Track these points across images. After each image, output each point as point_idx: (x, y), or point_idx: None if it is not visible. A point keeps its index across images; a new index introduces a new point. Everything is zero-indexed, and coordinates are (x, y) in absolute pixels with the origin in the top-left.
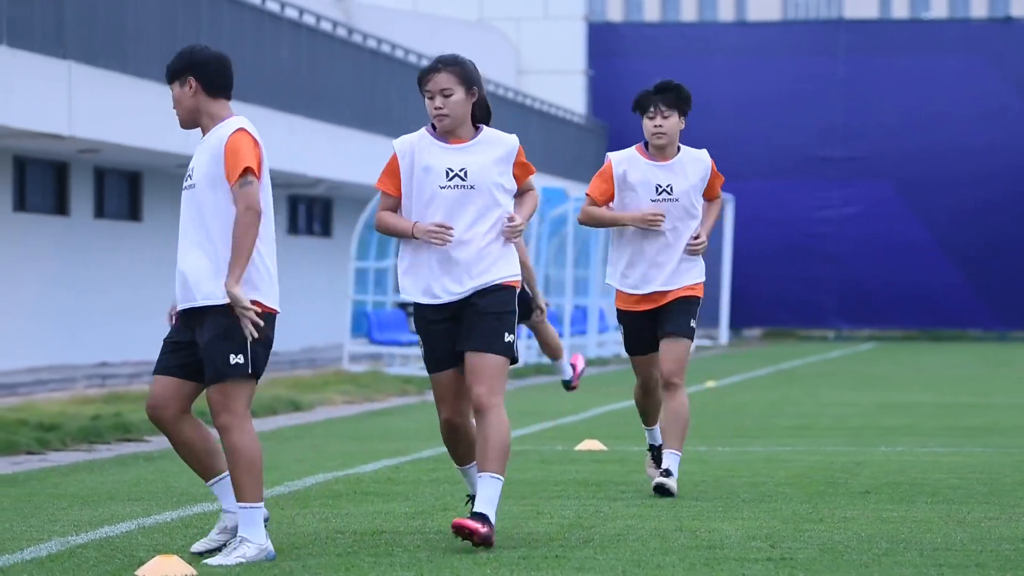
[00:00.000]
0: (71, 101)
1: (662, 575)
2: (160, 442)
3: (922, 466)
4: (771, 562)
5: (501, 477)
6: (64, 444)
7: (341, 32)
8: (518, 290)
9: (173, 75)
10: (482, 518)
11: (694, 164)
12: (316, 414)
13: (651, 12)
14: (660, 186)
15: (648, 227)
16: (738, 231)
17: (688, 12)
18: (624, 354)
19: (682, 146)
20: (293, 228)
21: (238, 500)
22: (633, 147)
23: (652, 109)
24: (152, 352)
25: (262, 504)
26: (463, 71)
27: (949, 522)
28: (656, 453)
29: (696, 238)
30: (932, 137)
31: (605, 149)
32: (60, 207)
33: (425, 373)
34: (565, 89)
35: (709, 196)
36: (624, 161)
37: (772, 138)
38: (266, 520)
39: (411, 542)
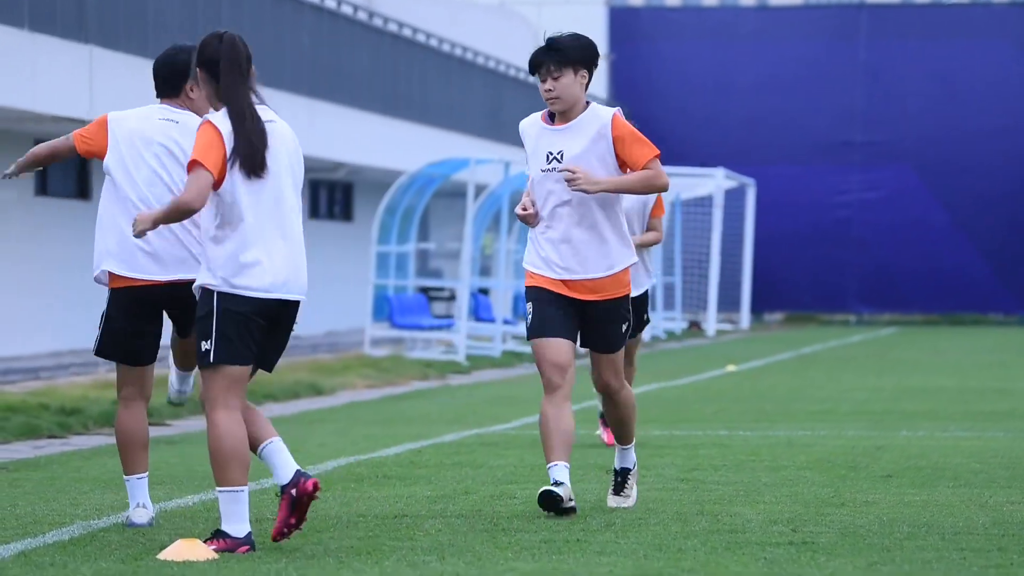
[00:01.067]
0: (92, 85)
1: (683, 559)
2: (182, 426)
3: (943, 450)
4: (792, 546)
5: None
6: (86, 428)
7: (362, 16)
8: None
9: (190, 71)
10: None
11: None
12: (338, 398)
13: None
14: (551, 153)
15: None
16: (759, 216)
17: None
18: (645, 337)
19: (592, 104)
20: (314, 212)
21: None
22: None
23: (543, 71)
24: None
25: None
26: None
27: (971, 506)
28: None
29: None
30: (954, 121)
31: None
32: (82, 191)
33: (447, 357)
34: None
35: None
36: (526, 128)
37: (793, 122)
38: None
39: (433, 526)
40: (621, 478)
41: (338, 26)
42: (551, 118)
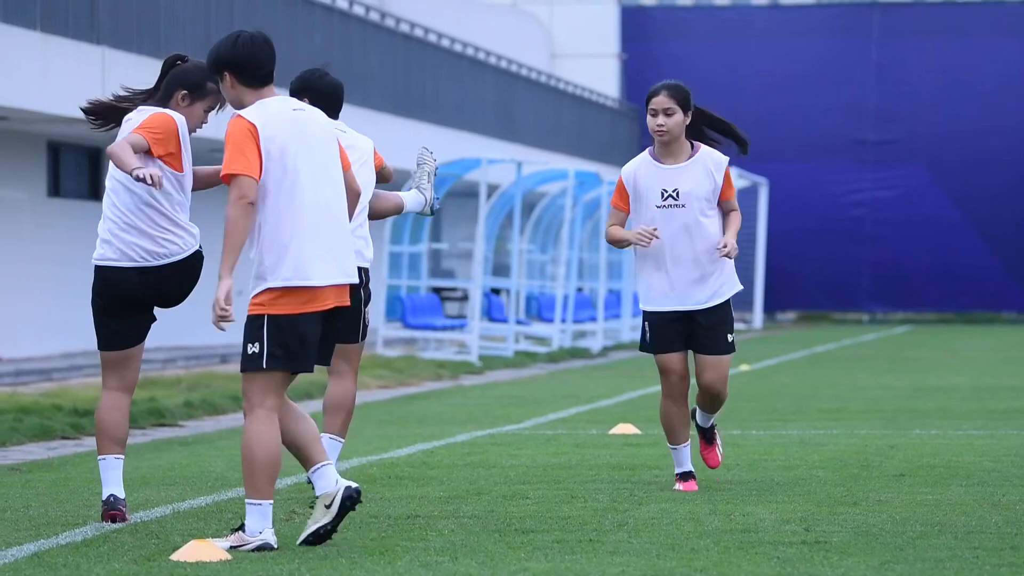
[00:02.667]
0: (105, 86)
1: (696, 559)
2: (195, 427)
3: (956, 449)
4: (805, 545)
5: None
6: None
7: (374, 16)
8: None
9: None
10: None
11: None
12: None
13: None
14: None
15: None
16: (772, 214)
17: None
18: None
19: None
20: None
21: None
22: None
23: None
24: (185, 338)
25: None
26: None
27: (984, 505)
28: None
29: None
30: (966, 119)
31: (639, 133)
32: (94, 192)
33: (460, 358)
34: (598, 73)
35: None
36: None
37: (806, 121)
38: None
39: (445, 526)
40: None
41: (350, 26)
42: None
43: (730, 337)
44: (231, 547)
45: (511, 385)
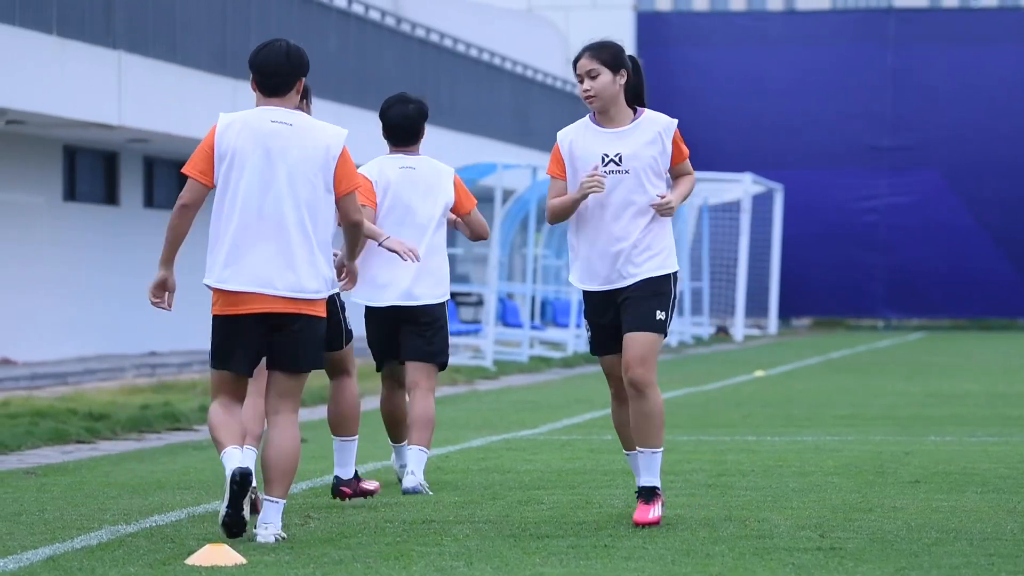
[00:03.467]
0: (121, 90)
1: (711, 564)
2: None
3: (971, 456)
4: (820, 552)
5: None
6: (114, 433)
7: (389, 21)
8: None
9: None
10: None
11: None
12: (366, 403)
13: (700, 1)
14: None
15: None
16: (787, 220)
17: (737, 1)
18: (673, 343)
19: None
20: None
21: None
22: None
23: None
24: (200, 342)
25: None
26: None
27: (999, 512)
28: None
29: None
30: (982, 126)
31: None
32: (110, 196)
33: (475, 363)
34: None
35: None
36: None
37: (821, 127)
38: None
39: (460, 531)
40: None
41: (365, 31)
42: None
43: (660, 314)
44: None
45: (526, 390)
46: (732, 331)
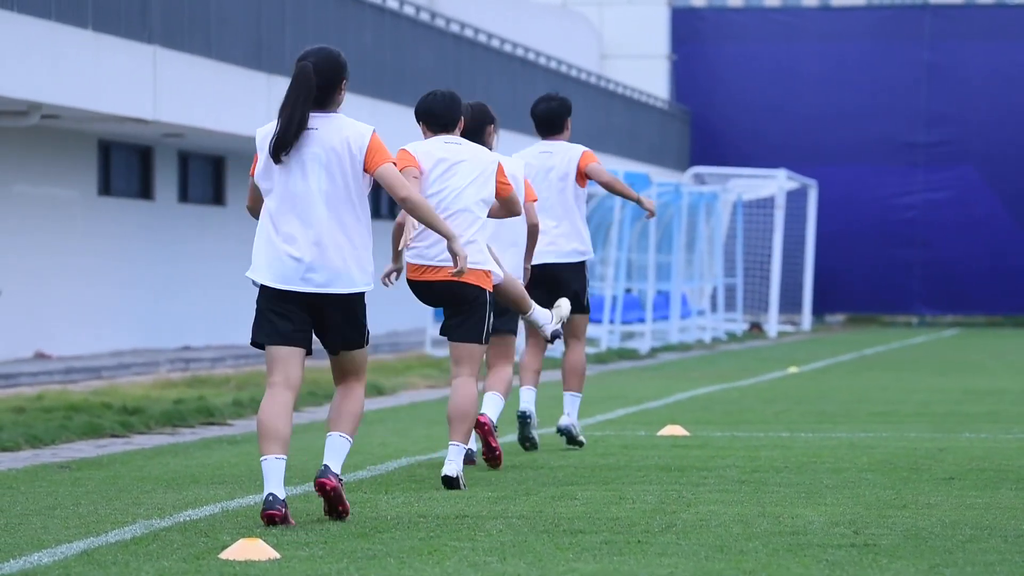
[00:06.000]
0: (156, 85)
1: (745, 561)
2: (244, 426)
3: (1006, 452)
4: (854, 548)
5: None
6: (148, 428)
7: (424, 17)
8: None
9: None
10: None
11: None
12: (399, 398)
13: None
14: None
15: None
16: (822, 216)
17: None
18: (706, 339)
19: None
20: (376, 212)
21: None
22: None
23: None
24: (234, 336)
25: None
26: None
27: None
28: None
29: None
30: (1018, 122)
31: (688, 135)
32: (144, 191)
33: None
34: (648, 74)
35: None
36: None
37: (856, 123)
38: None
39: (494, 526)
40: None
41: (400, 27)
42: None
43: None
44: None
45: (559, 386)
46: (766, 327)
